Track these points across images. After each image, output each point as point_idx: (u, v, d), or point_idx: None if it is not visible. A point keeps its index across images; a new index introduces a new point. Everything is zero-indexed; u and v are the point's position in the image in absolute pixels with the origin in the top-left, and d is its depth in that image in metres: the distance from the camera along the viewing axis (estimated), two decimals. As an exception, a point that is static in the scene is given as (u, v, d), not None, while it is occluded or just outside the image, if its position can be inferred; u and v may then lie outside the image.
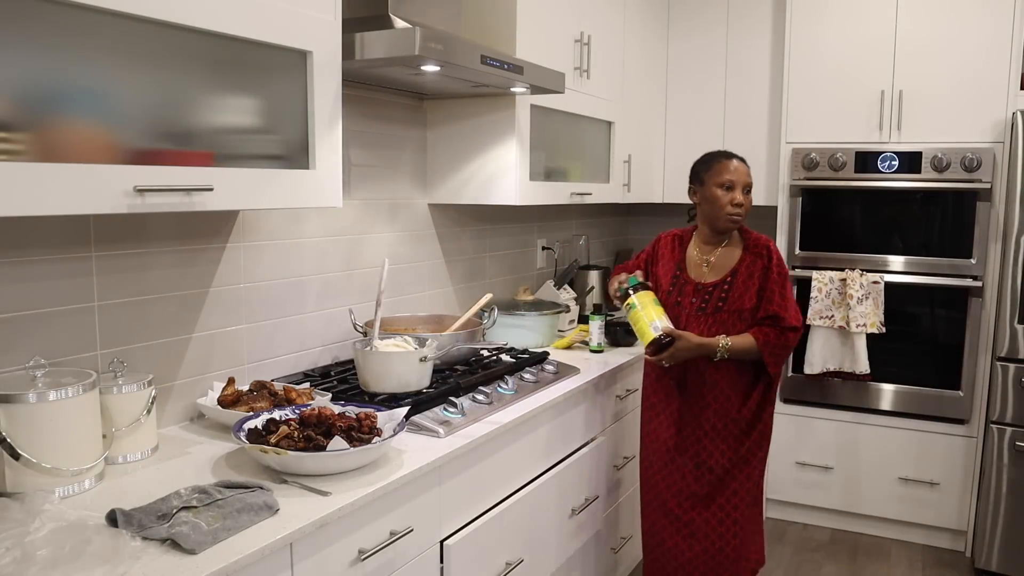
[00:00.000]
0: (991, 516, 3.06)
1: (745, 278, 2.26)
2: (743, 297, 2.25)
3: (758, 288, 2.25)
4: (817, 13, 3.39)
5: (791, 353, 2.35)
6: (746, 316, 2.25)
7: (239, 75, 1.53)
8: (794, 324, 2.23)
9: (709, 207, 2.25)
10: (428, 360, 1.97)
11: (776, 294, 2.23)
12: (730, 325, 2.25)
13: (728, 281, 2.28)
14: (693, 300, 2.30)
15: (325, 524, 1.38)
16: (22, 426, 1.35)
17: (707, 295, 2.28)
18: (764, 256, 2.26)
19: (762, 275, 2.25)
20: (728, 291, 2.27)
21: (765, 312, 2.23)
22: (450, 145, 2.66)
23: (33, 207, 1.18)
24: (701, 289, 2.30)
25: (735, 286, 2.26)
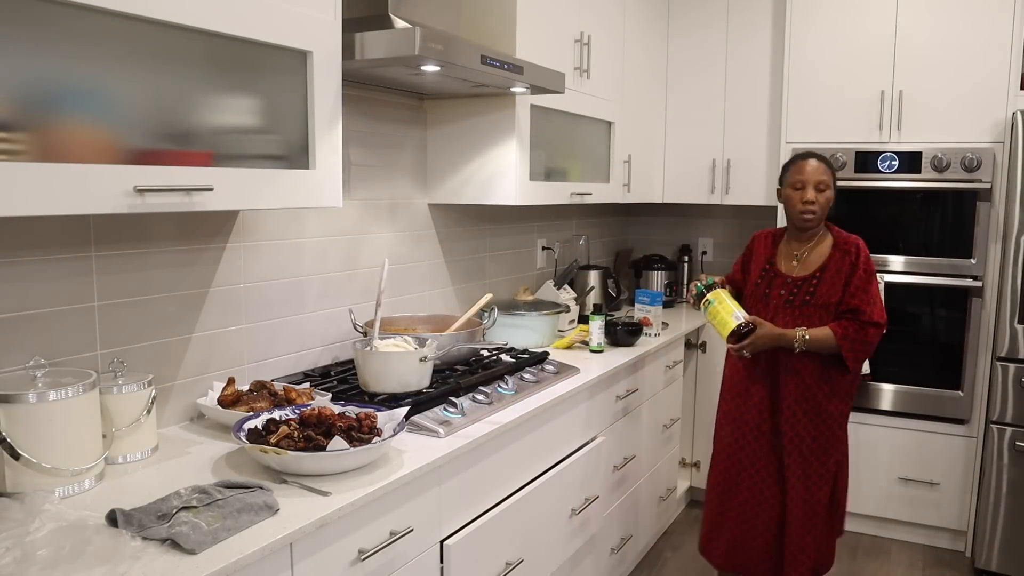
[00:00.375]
0: (991, 516, 3.06)
1: (833, 274, 2.34)
2: (830, 292, 2.33)
3: (844, 283, 2.33)
4: (817, 13, 3.39)
5: (873, 350, 2.36)
6: (832, 311, 2.34)
7: (239, 75, 1.53)
8: (876, 319, 2.29)
9: (787, 206, 2.41)
10: (428, 360, 1.97)
11: (860, 289, 2.31)
12: (816, 319, 2.34)
13: (817, 276, 2.36)
14: (781, 292, 2.40)
15: (325, 524, 1.38)
16: (22, 426, 1.35)
17: (796, 288, 2.38)
18: (852, 253, 2.34)
19: (849, 271, 2.32)
20: (816, 285, 2.36)
21: (847, 305, 2.31)
22: (450, 145, 2.66)
23: (33, 207, 1.18)
24: (791, 283, 2.40)
25: (823, 281, 2.35)
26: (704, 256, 4.25)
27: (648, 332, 3.05)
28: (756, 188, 3.72)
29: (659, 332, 3.10)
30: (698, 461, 3.77)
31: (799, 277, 2.39)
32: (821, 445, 2.38)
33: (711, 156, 3.82)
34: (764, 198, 3.70)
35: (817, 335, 2.30)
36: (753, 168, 3.72)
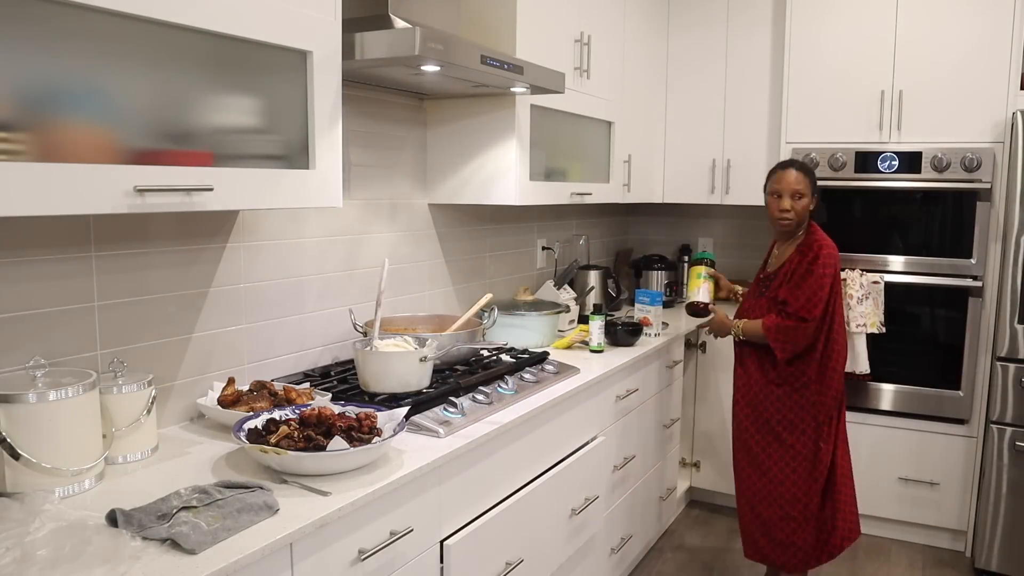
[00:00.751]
0: (991, 516, 3.06)
1: (788, 270, 2.51)
2: (781, 287, 2.51)
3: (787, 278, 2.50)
4: (817, 13, 3.39)
5: (802, 345, 2.48)
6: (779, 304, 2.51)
7: (239, 75, 1.53)
8: (799, 313, 2.44)
9: (768, 210, 2.59)
10: (428, 360, 1.97)
11: (795, 285, 2.46)
12: (766, 309, 2.55)
13: (777, 271, 2.57)
14: (758, 287, 2.66)
15: (325, 524, 1.38)
16: (22, 426, 1.35)
17: (766, 284, 2.61)
18: (809, 253, 2.47)
19: (795, 268, 2.48)
20: (771, 279, 2.58)
21: (779, 298, 2.49)
22: (450, 145, 2.66)
23: (33, 207, 1.18)
24: (763, 278, 2.64)
25: (778, 276, 2.55)
26: (704, 256, 4.25)
27: (648, 332, 3.05)
28: (756, 188, 3.72)
29: (659, 332, 3.10)
30: (698, 461, 3.77)
31: (769, 273, 2.62)
32: (765, 436, 2.59)
33: (711, 156, 3.82)
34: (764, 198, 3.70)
35: (749, 327, 2.56)
36: (753, 168, 3.72)
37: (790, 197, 2.51)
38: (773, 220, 2.57)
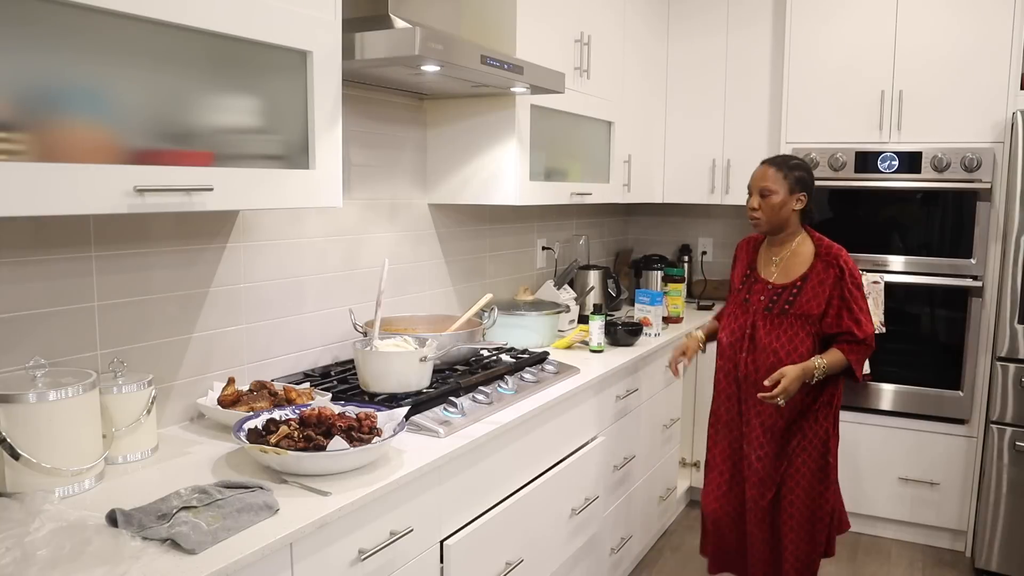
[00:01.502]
0: (991, 516, 3.06)
1: (815, 284, 2.33)
2: (811, 303, 2.33)
3: (828, 296, 2.32)
4: (818, 13, 3.39)
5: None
6: (813, 321, 2.34)
7: (239, 75, 1.53)
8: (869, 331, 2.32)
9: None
10: (428, 360, 1.97)
11: (855, 308, 2.31)
12: (798, 327, 2.35)
13: (798, 285, 2.36)
14: (761, 299, 2.41)
15: (325, 524, 1.38)
16: (22, 426, 1.35)
17: (775, 296, 2.38)
18: (835, 266, 2.32)
19: (835, 285, 2.31)
20: (796, 295, 2.35)
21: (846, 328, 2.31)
22: (450, 145, 2.66)
23: (33, 207, 1.18)
24: (771, 289, 2.40)
25: (804, 291, 2.34)
26: (704, 256, 4.25)
27: (648, 332, 3.05)
28: (756, 188, 3.72)
29: (659, 332, 3.10)
30: (697, 461, 3.77)
31: (779, 284, 2.39)
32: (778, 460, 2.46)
33: (711, 156, 3.82)
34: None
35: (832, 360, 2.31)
36: (753, 168, 3.72)
37: (758, 194, 2.36)
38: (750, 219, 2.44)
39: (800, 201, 2.36)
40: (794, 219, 2.39)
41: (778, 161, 2.38)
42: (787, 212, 2.36)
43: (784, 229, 2.40)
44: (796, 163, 2.37)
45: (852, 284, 2.31)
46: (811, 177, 2.39)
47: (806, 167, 2.38)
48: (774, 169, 2.35)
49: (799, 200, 2.36)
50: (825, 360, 2.30)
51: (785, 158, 2.39)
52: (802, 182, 2.36)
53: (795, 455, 2.40)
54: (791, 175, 2.34)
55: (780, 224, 2.38)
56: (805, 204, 2.37)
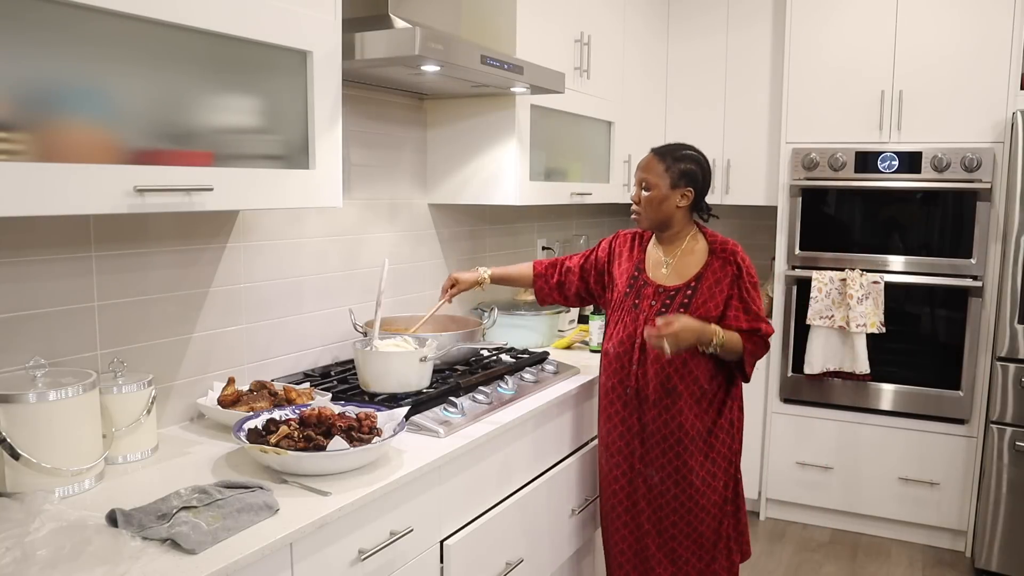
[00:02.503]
0: (991, 516, 3.06)
1: (711, 284, 2.09)
2: (707, 304, 2.08)
3: (726, 296, 2.08)
4: (817, 13, 3.39)
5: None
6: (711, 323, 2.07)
7: (239, 75, 1.53)
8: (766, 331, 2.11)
9: None
10: (428, 360, 1.97)
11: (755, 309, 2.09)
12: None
13: (692, 286, 2.10)
14: (653, 303, 2.13)
15: (325, 524, 1.38)
16: (22, 426, 1.35)
17: (668, 299, 2.11)
18: (732, 263, 2.10)
19: (732, 284, 2.09)
20: (692, 296, 2.09)
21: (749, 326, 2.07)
22: (450, 145, 2.66)
23: (33, 207, 1.18)
24: (663, 292, 2.12)
25: (699, 292, 2.09)
26: (704, 256, 4.25)
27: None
28: (756, 188, 3.72)
29: (659, 332, 3.10)
30: (698, 461, 3.77)
31: (672, 286, 2.12)
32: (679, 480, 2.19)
33: (711, 156, 3.81)
34: (764, 198, 3.70)
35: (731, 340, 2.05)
36: (753, 168, 3.72)
37: (638, 186, 2.11)
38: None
39: (685, 197, 2.09)
40: (679, 216, 2.12)
41: (664, 151, 2.10)
42: (669, 208, 2.09)
43: (669, 227, 2.13)
44: (685, 154, 2.10)
45: (750, 283, 2.10)
46: (703, 170, 2.12)
47: (697, 159, 2.11)
48: (657, 159, 2.09)
49: (684, 196, 2.09)
50: (723, 335, 2.03)
51: (675, 148, 2.11)
52: (688, 176, 2.08)
53: (698, 478, 2.13)
54: (675, 168, 2.07)
55: (662, 221, 2.11)
56: (692, 200, 2.11)
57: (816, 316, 3.33)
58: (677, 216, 2.12)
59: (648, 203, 2.09)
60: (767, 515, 3.69)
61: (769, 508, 3.68)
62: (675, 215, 2.11)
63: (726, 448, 2.17)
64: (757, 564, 3.24)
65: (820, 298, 3.33)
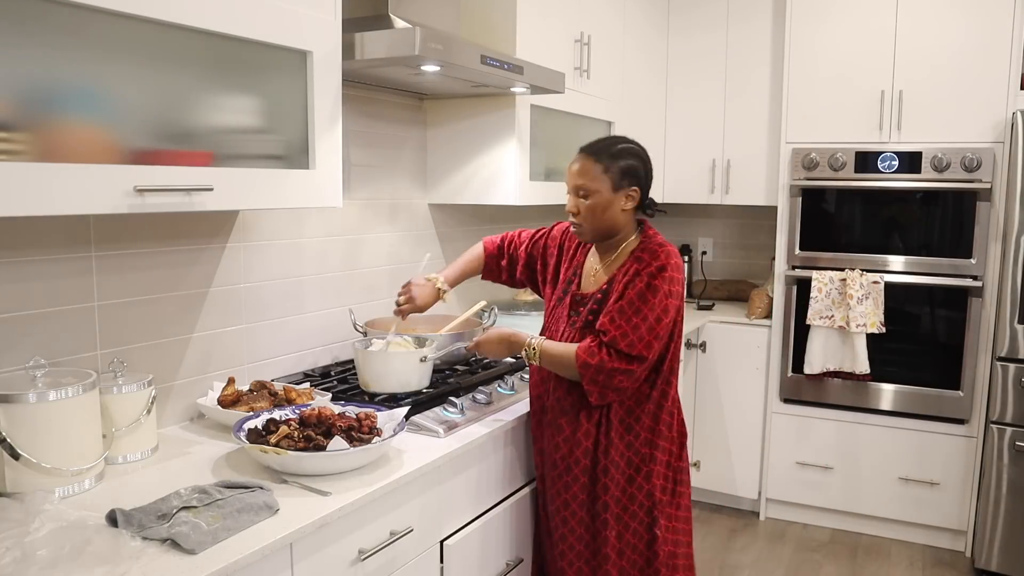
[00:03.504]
0: (991, 516, 3.06)
1: (619, 289, 1.80)
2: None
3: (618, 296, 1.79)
4: (817, 13, 3.39)
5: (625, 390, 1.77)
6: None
7: (239, 75, 1.53)
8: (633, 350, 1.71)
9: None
10: (428, 360, 1.97)
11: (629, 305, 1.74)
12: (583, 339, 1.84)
13: (603, 290, 1.84)
14: (569, 311, 1.91)
15: (325, 524, 1.38)
16: (22, 426, 1.35)
17: (581, 306, 1.88)
18: (644, 261, 1.79)
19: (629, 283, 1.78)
20: (601, 302, 1.83)
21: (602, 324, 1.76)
22: (450, 145, 2.66)
23: (33, 207, 1.18)
24: (578, 300, 1.89)
25: (608, 297, 1.82)
26: (704, 256, 4.25)
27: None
28: (756, 188, 3.72)
29: (659, 332, 3.09)
30: (698, 461, 3.77)
31: (587, 294, 1.88)
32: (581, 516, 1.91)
33: (711, 156, 3.82)
34: (764, 198, 3.70)
35: (554, 350, 1.79)
36: (753, 168, 3.72)
37: (573, 194, 1.84)
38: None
39: (631, 198, 1.82)
40: (624, 220, 1.84)
41: (598, 149, 1.82)
42: (614, 215, 1.82)
43: (614, 234, 1.86)
44: (622, 149, 1.82)
45: (647, 285, 1.74)
46: (644, 164, 1.84)
47: (636, 151, 1.83)
48: (592, 160, 1.80)
49: (629, 197, 1.82)
50: (544, 345, 1.80)
51: (608, 143, 1.83)
52: (631, 173, 1.81)
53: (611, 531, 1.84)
54: (614, 167, 1.79)
55: (607, 230, 1.84)
56: (638, 200, 1.84)
57: (816, 316, 3.33)
58: (622, 221, 1.84)
59: (590, 212, 1.82)
60: (767, 515, 3.69)
61: (769, 508, 3.68)
62: (620, 220, 1.84)
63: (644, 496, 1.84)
64: (757, 564, 3.24)
65: (820, 298, 3.33)
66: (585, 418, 1.84)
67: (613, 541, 1.83)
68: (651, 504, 1.84)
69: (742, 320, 3.62)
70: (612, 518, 1.84)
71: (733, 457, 3.70)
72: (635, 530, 1.83)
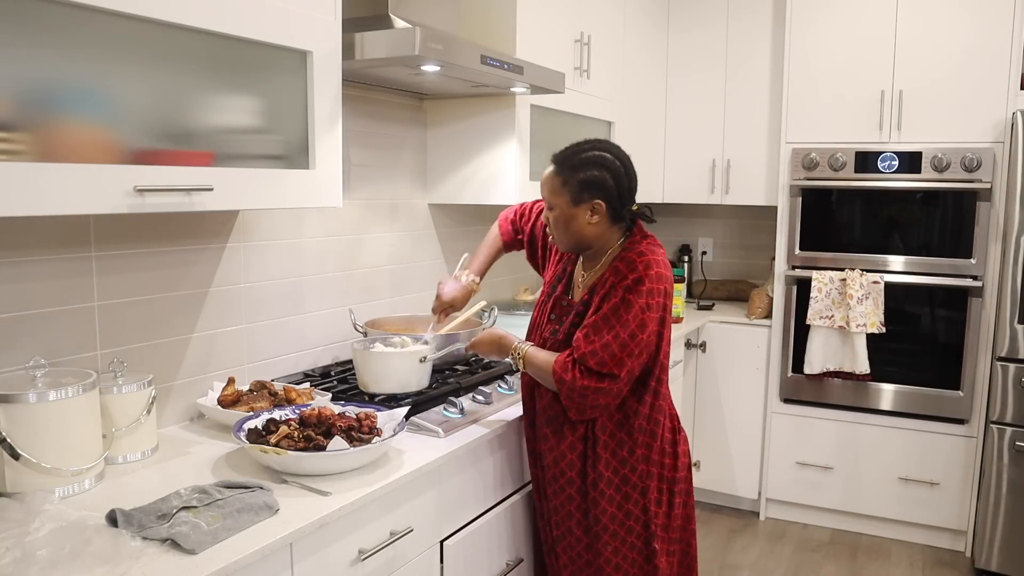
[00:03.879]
0: (991, 516, 3.06)
1: (601, 298, 1.73)
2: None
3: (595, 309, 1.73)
4: (817, 13, 3.39)
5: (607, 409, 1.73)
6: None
7: (239, 75, 1.53)
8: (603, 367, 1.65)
9: None
10: (428, 360, 1.97)
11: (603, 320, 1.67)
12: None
13: (584, 301, 1.78)
14: (552, 317, 1.87)
15: (325, 524, 1.38)
16: (22, 426, 1.35)
17: (565, 316, 1.83)
18: (622, 273, 1.70)
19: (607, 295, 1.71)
20: (582, 314, 1.77)
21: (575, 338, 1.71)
22: (450, 145, 2.66)
23: (33, 207, 1.18)
24: (565, 306, 1.84)
25: (589, 307, 1.76)
26: (704, 256, 4.25)
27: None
28: (756, 188, 3.72)
29: (659, 332, 3.09)
30: (698, 461, 3.77)
31: (574, 301, 1.83)
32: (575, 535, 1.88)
33: (711, 156, 3.82)
34: (764, 198, 3.70)
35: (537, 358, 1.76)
36: (753, 168, 3.72)
37: (549, 210, 1.77)
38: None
39: (596, 211, 1.71)
40: (596, 232, 1.75)
41: (561, 159, 1.73)
42: (579, 228, 1.73)
43: (590, 247, 1.78)
44: (585, 158, 1.70)
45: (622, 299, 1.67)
46: (611, 172, 1.71)
47: (602, 160, 1.70)
48: (554, 172, 1.73)
49: (592, 211, 1.71)
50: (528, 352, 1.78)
51: (572, 152, 1.73)
52: (592, 185, 1.69)
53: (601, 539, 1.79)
54: (573, 180, 1.70)
55: (578, 243, 1.77)
56: (606, 211, 1.72)
57: (816, 316, 3.33)
58: (591, 233, 1.74)
59: (555, 226, 1.76)
60: (767, 515, 3.69)
61: (769, 508, 3.68)
62: (588, 233, 1.74)
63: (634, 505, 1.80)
64: (757, 564, 3.24)
65: (820, 298, 3.33)
66: (570, 431, 1.80)
67: (609, 555, 1.80)
68: (647, 519, 1.79)
69: (742, 320, 3.62)
70: (607, 534, 1.79)
71: (733, 457, 3.70)
72: (632, 544, 1.79)
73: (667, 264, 1.75)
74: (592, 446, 1.79)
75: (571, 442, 1.80)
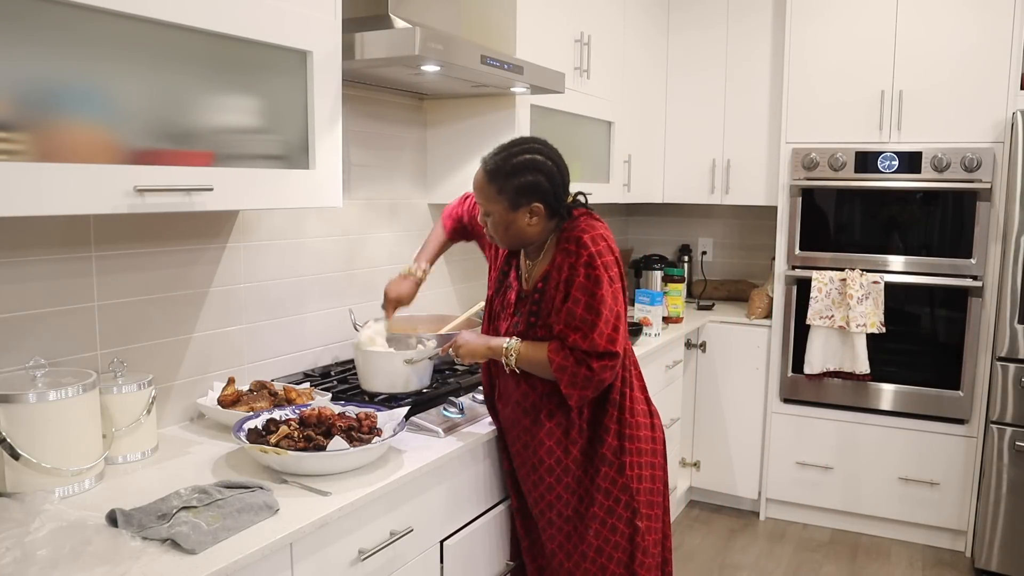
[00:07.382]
0: (991, 516, 3.05)
1: (554, 285, 1.73)
2: (551, 309, 1.74)
3: (562, 298, 1.71)
4: (817, 13, 3.39)
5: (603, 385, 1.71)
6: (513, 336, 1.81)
7: (239, 75, 1.53)
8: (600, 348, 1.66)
9: None
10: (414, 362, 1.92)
11: (580, 305, 1.67)
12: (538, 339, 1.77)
13: (539, 289, 1.76)
14: (510, 311, 1.84)
15: (325, 524, 1.38)
16: (22, 426, 1.35)
17: (522, 307, 1.80)
18: (573, 253, 1.70)
19: (567, 282, 1.70)
20: (540, 303, 1.75)
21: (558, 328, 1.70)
22: (450, 145, 2.66)
23: (33, 207, 1.18)
24: (521, 299, 1.82)
25: (546, 295, 1.75)
26: (704, 256, 4.25)
27: (648, 332, 3.04)
28: (756, 188, 3.72)
29: (659, 332, 3.10)
30: (698, 461, 3.77)
31: (527, 291, 1.81)
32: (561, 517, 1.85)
33: (711, 156, 3.82)
34: (764, 198, 3.70)
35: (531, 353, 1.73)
36: (753, 168, 3.72)
37: (486, 215, 1.76)
38: None
39: (534, 215, 1.71)
40: (536, 231, 1.74)
41: (494, 166, 1.71)
42: (519, 230, 1.73)
43: (531, 243, 1.79)
44: (518, 163, 1.69)
45: (586, 277, 1.67)
46: (546, 173, 1.70)
47: (534, 163, 1.70)
48: (487, 180, 1.71)
49: (531, 213, 1.71)
50: (522, 348, 1.74)
51: (505, 157, 1.71)
52: (528, 190, 1.69)
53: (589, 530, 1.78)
54: (509, 186, 1.69)
55: (518, 242, 1.78)
56: (544, 211, 1.72)
57: (816, 316, 3.33)
58: (532, 233, 1.75)
59: (494, 230, 1.76)
60: (767, 515, 3.69)
61: (769, 508, 3.68)
62: (529, 233, 1.75)
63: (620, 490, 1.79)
64: (757, 564, 3.24)
65: (820, 298, 3.33)
66: (547, 418, 1.78)
67: (591, 539, 1.78)
68: (628, 497, 1.78)
69: (742, 320, 3.62)
70: (589, 516, 1.78)
71: (733, 457, 3.70)
72: (613, 526, 1.78)
73: (607, 229, 1.76)
74: (565, 432, 1.79)
75: (548, 428, 1.79)
